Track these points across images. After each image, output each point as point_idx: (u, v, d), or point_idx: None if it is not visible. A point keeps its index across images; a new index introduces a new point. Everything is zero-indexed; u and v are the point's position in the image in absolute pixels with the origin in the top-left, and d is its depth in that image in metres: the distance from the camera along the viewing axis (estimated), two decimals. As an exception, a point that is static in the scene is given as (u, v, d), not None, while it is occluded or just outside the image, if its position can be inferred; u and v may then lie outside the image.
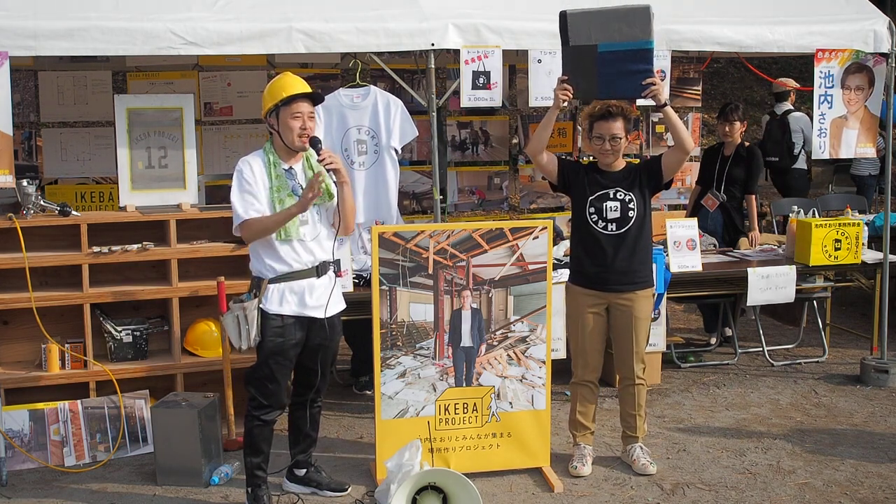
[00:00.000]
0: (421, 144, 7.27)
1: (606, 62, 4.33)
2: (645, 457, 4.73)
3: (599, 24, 4.34)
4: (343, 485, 4.52)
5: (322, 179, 4.04)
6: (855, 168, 9.60)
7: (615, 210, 4.52)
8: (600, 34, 4.34)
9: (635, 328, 4.61)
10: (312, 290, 4.17)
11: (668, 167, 4.55)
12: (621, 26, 4.29)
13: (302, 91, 4.09)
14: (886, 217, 6.22)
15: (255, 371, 4.20)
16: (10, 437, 4.78)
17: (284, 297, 4.12)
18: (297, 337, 4.17)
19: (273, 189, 4.09)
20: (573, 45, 4.40)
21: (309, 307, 4.16)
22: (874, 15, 6.01)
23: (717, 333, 6.86)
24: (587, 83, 4.41)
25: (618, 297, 4.59)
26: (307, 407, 4.41)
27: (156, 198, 5.31)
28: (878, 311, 6.18)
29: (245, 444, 4.26)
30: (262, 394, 4.18)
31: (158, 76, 7.10)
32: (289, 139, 4.11)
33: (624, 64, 4.31)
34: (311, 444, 4.51)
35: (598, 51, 4.33)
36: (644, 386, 4.76)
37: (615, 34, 4.31)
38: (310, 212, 4.13)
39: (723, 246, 6.59)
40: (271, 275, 4.12)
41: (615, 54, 4.31)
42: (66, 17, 4.75)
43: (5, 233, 4.93)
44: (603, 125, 4.49)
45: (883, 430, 5.29)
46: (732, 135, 6.59)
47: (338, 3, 5.25)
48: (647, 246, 4.64)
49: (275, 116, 4.12)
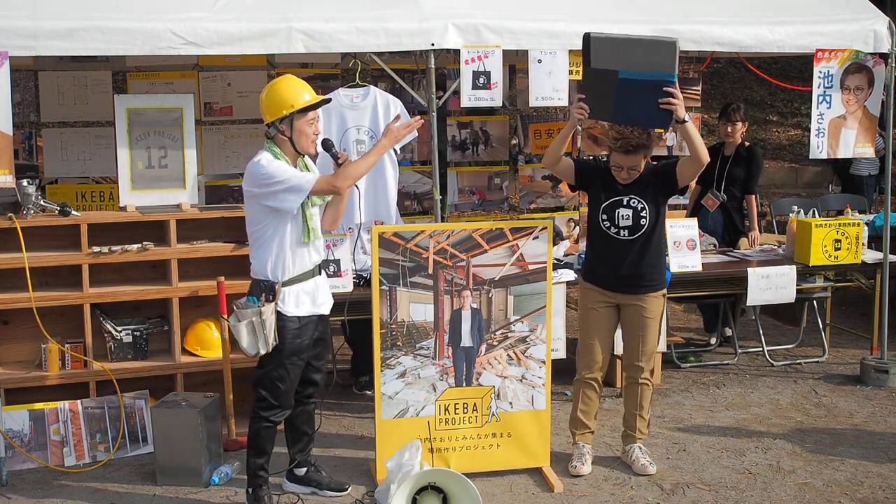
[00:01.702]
0: (421, 144, 7.27)
1: (626, 89, 4.32)
2: (644, 457, 4.73)
3: (623, 50, 4.33)
4: (343, 485, 4.52)
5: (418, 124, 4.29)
6: (854, 168, 9.60)
7: (627, 218, 4.54)
8: (623, 61, 4.33)
9: (644, 326, 4.63)
10: (318, 288, 4.25)
11: (683, 176, 4.57)
12: (646, 56, 4.28)
13: (318, 98, 4.12)
14: (886, 217, 6.23)
15: (267, 373, 4.18)
16: (10, 437, 4.78)
17: (299, 298, 4.16)
18: (312, 336, 4.23)
19: None
20: (594, 68, 4.40)
21: (318, 305, 4.25)
22: (874, 15, 6.00)
23: (717, 333, 6.86)
24: (605, 107, 4.42)
25: (627, 297, 4.63)
26: (304, 404, 4.42)
27: (156, 198, 5.31)
28: (878, 311, 6.18)
29: (250, 445, 4.26)
30: (273, 395, 4.18)
31: (158, 76, 7.09)
32: (303, 145, 4.12)
33: (644, 93, 4.29)
34: (309, 441, 4.51)
35: (618, 76, 4.33)
36: (649, 387, 4.76)
37: (639, 63, 4.29)
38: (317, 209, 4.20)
39: (723, 246, 6.59)
40: (286, 276, 4.12)
41: (636, 83, 4.29)
42: (66, 17, 4.75)
43: (5, 233, 4.93)
44: (622, 158, 4.52)
45: (883, 430, 5.30)
46: (734, 135, 6.59)
47: (338, 3, 5.25)
48: (658, 251, 4.66)
49: (287, 123, 4.09)
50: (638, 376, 4.71)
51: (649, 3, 5.81)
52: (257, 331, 4.04)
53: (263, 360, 4.17)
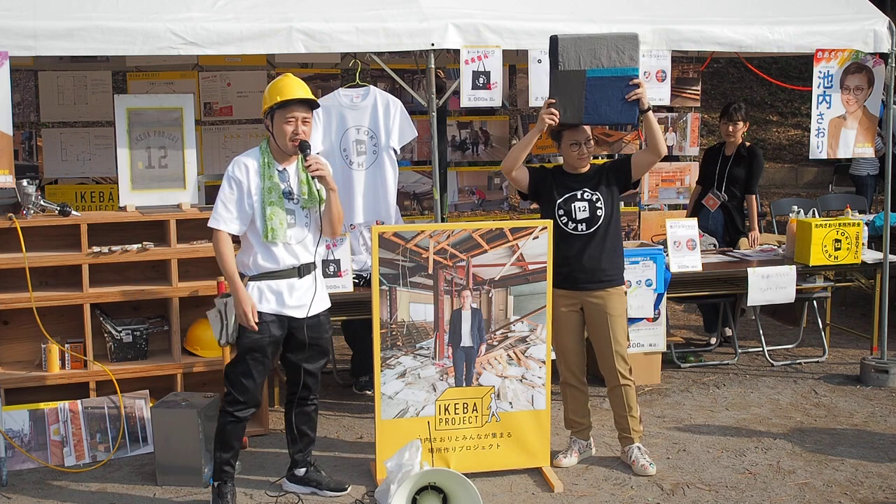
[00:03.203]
0: (421, 144, 7.27)
1: (594, 88, 4.45)
2: (643, 457, 4.73)
3: (589, 49, 4.44)
4: (343, 484, 4.53)
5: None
6: (854, 168, 9.61)
7: (584, 210, 4.59)
8: (589, 60, 4.45)
9: (611, 326, 4.62)
10: (293, 289, 4.23)
11: (638, 167, 4.65)
12: (610, 53, 4.42)
13: (298, 96, 4.11)
14: (886, 217, 6.22)
15: (233, 367, 4.26)
16: (10, 437, 4.78)
17: (263, 294, 4.18)
18: (274, 335, 4.22)
19: (265, 190, 4.13)
20: (563, 70, 4.47)
21: (288, 306, 4.22)
22: (874, 15, 6.00)
23: (717, 333, 6.86)
24: (574, 108, 4.51)
25: (589, 294, 4.63)
26: (301, 405, 4.44)
27: (155, 198, 5.31)
28: (878, 311, 6.18)
29: (216, 440, 4.29)
30: (237, 390, 4.22)
31: (158, 76, 7.10)
32: (281, 142, 4.16)
33: (610, 90, 4.45)
34: (308, 443, 4.52)
35: (586, 76, 4.44)
36: (631, 387, 4.73)
37: (603, 60, 4.43)
38: (298, 214, 4.20)
39: (723, 246, 6.59)
40: (252, 272, 4.19)
41: (602, 80, 4.44)
42: (66, 17, 4.75)
43: (5, 233, 4.93)
44: (575, 132, 4.60)
45: (883, 430, 5.30)
46: (735, 135, 6.59)
47: (338, 3, 5.25)
48: (616, 244, 4.69)
49: (270, 118, 4.16)
50: (617, 380, 4.69)
51: (649, 3, 5.81)
52: (223, 320, 4.19)
53: (232, 354, 4.29)
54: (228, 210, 4.15)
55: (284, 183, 4.18)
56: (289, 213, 4.17)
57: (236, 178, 4.15)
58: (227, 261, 4.15)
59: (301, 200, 4.21)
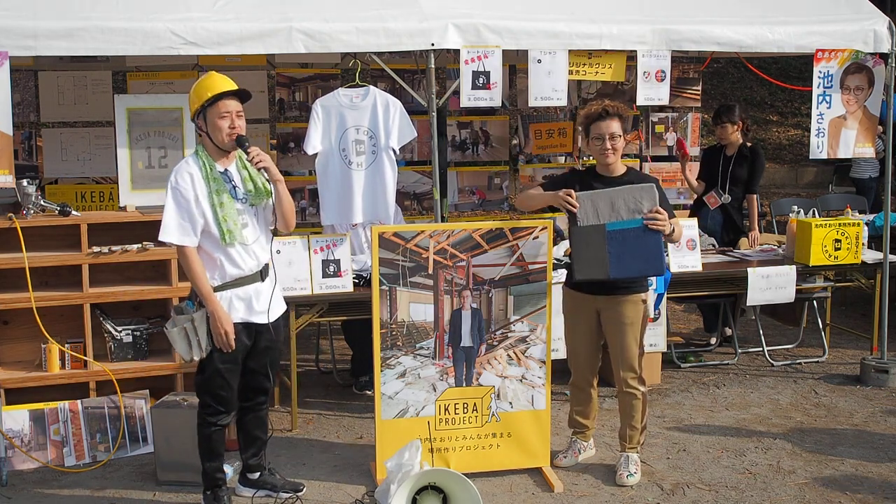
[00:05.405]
0: (421, 144, 7.27)
1: (615, 240, 4.39)
2: (626, 468, 4.63)
3: (606, 203, 4.39)
4: (299, 485, 4.49)
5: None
6: (855, 171, 9.59)
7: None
8: (607, 214, 4.40)
9: (622, 334, 4.55)
10: (259, 295, 4.16)
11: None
12: (628, 205, 4.37)
13: (227, 89, 4.04)
14: (886, 217, 6.23)
15: (208, 381, 4.15)
16: (11, 437, 4.78)
17: (232, 304, 4.09)
18: (246, 344, 4.16)
19: (212, 193, 4.01)
20: (581, 226, 4.43)
21: (256, 312, 4.15)
22: (874, 15, 6.00)
23: (717, 333, 6.86)
24: (598, 262, 4.41)
25: (605, 300, 4.56)
26: (256, 410, 4.40)
27: (156, 198, 5.30)
28: (878, 311, 6.18)
29: (203, 451, 4.24)
30: (217, 401, 4.16)
31: (158, 76, 7.10)
32: (218, 139, 4.04)
33: (633, 240, 4.37)
34: (261, 446, 4.48)
35: (606, 229, 4.39)
36: (637, 398, 4.62)
37: (622, 213, 4.38)
38: (248, 213, 4.10)
39: (723, 246, 6.59)
40: (219, 281, 4.07)
41: (623, 233, 4.38)
42: (66, 17, 4.75)
43: (5, 233, 4.93)
44: (601, 125, 4.46)
45: (883, 430, 5.30)
46: (726, 137, 6.59)
47: (338, 3, 5.25)
48: None
49: (202, 118, 4.06)
50: (623, 386, 4.64)
51: (649, 3, 5.81)
52: (190, 337, 4.02)
53: (202, 364, 4.14)
54: (183, 222, 3.98)
55: (229, 183, 4.07)
56: (239, 213, 4.06)
57: (182, 189, 3.99)
58: (199, 277, 3.98)
59: (249, 198, 4.10)
